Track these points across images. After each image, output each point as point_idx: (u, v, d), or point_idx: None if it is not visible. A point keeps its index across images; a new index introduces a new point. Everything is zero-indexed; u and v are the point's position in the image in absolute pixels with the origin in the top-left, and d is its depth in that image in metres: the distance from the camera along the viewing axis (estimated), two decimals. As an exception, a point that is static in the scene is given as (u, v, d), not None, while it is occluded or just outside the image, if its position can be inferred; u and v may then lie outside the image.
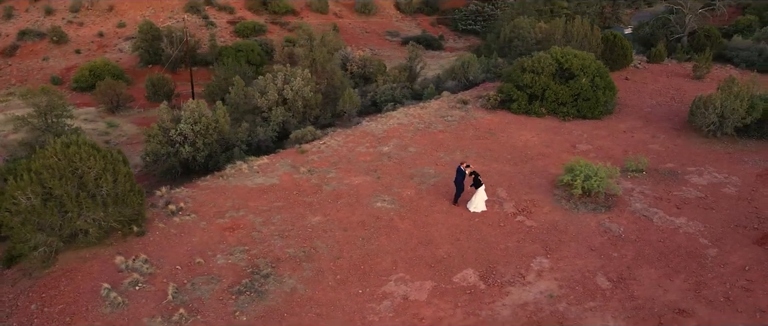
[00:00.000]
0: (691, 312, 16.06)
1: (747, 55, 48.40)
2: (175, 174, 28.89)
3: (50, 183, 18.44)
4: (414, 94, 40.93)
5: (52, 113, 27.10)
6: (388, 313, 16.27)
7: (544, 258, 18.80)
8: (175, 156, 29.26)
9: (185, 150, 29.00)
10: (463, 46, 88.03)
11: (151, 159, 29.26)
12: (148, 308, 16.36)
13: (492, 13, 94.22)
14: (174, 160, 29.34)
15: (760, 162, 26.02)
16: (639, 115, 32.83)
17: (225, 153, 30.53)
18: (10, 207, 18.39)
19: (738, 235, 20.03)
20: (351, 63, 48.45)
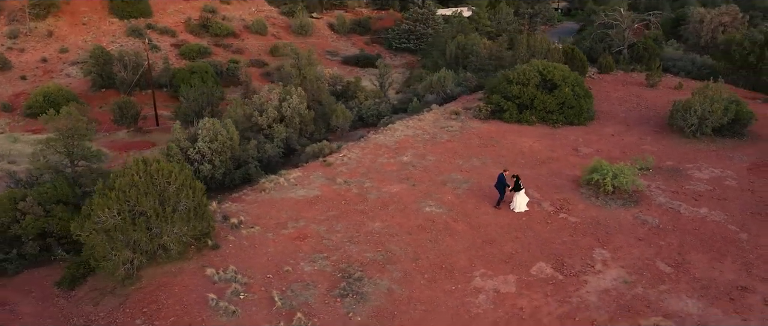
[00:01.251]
0: (752, 289, 18.26)
1: (682, 64, 53.70)
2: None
3: (139, 200, 18.10)
4: (394, 108, 42.21)
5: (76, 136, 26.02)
6: (488, 306, 17.31)
7: (601, 250, 20.53)
8: (195, 174, 28.82)
9: (205, 168, 28.71)
10: (399, 63, 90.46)
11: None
12: (263, 314, 16.52)
13: (424, 31, 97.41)
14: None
15: (744, 157, 29.35)
16: (617, 120, 35.79)
17: (238, 169, 30.41)
18: (95, 226, 17.90)
19: (757, 221, 22.74)
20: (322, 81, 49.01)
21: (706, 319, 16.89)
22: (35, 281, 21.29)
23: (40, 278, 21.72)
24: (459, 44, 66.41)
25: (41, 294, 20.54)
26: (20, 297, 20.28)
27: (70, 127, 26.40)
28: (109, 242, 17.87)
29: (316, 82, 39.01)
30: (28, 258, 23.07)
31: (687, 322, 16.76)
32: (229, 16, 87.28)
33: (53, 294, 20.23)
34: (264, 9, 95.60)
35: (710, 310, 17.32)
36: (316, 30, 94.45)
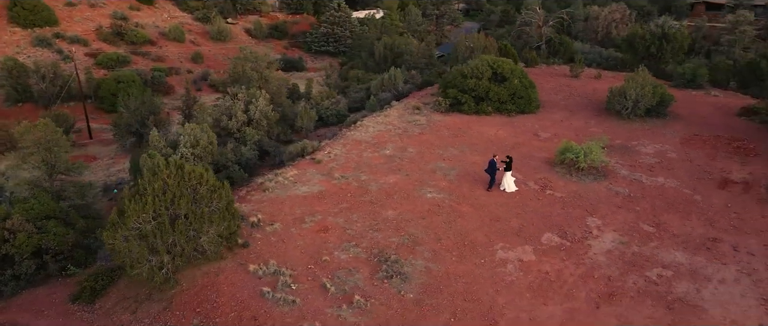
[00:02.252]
0: (721, 239, 21.72)
1: (592, 57, 59.08)
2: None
3: (177, 202, 18.52)
4: (349, 107, 43.72)
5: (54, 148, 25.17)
6: (519, 273, 19.47)
7: (592, 218, 23.35)
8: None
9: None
10: (321, 65, 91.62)
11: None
12: (320, 301, 17.65)
13: (342, 34, 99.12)
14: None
15: (675, 133, 33.63)
16: (560, 107, 39.40)
17: (218, 173, 30.70)
18: (130, 232, 18.16)
19: (703, 184, 26.57)
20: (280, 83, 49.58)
21: (695, 266, 20.00)
22: (41, 300, 21.00)
23: (45, 296, 21.44)
24: (386, 44, 68.73)
25: (56, 311, 20.36)
26: (31, 318, 20.04)
27: (48, 138, 25.76)
28: (146, 247, 18.19)
29: (276, 85, 39.64)
30: (23, 278, 22.52)
31: (681, 270, 19.77)
32: (142, 23, 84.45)
33: (71, 309, 20.12)
34: (177, 15, 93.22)
35: (695, 259, 20.47)
36: (233, 36, 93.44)
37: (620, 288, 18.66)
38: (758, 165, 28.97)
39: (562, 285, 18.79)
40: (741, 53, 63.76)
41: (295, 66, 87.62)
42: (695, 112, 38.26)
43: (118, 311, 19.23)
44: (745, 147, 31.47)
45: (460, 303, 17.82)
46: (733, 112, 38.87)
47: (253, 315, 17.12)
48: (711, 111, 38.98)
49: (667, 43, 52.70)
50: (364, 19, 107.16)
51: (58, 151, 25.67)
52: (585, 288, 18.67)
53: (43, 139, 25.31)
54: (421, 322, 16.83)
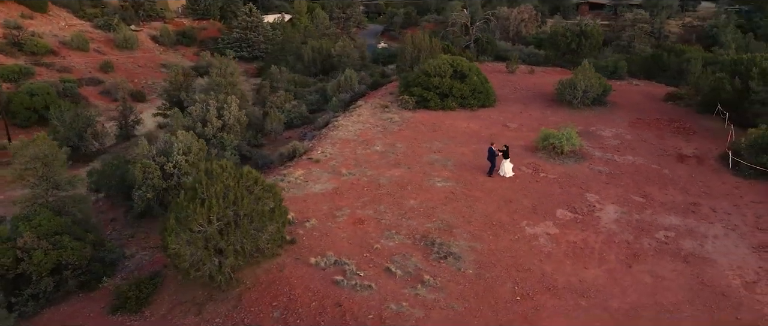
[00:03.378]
0: (699, 203, 25.22)
1: (516, 54, 63.46)
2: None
3: (241, 204, 18.90)
4: (310, 109, 44.43)
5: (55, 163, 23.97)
6: (552, 245, 21.68)
7: (589, 194, 26.14)
8: (178, 187, 28.65)
9: (187, 180, 28.65)
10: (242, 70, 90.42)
11: (152, 195, 28.02)
12: (393, 283, 18.83)
13: (256, 39, 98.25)
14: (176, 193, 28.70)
15: (621, 118, 37.68)
16: (513, 100, 42.54)
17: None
18: (193, 235, 18.38)
19: (666, 160, 30.33)
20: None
21: (690, 227, 23.20)
22: (73, 317, 20.61)
23: (74, 312, 21.05)
24: (314, 48, 69.58)
25: (97, 324, 20.09)
26: (75, 337, 19.67)
27: (46, 153, 24.80)
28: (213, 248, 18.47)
29: (240, 91, 39.60)
30: (42, 296, 21.84)
31: (680, 231, 22.89)
32: (39, 32, 78.93)
33: (116, 321, 19.98)
34: (74, 23, 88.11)
35: (687, 221, 23.72)
36: (140, 43, 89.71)
37: (640, 250, 21.35)
38: (699, 141, 33.35)
39: (592, 252, 21.19)
40: (640, 47, 71.03)
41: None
42: (628, 100, 42.77)
43: (177, 315, 19.25)
44: (684, 127, 35.96)
45: (515, 273, 19.66)
46: (658, 97, 43.87)
47: (336, 302, 17.95)
48: (640, 98, 43.72)
49: (585, 39, 57.84)
50: (275, 23, 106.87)
51: (56, 166, 24.62)
52: (612, 252, 21.19)
53: (41, 154, 24.22)
54: (490, 293, 18.47)
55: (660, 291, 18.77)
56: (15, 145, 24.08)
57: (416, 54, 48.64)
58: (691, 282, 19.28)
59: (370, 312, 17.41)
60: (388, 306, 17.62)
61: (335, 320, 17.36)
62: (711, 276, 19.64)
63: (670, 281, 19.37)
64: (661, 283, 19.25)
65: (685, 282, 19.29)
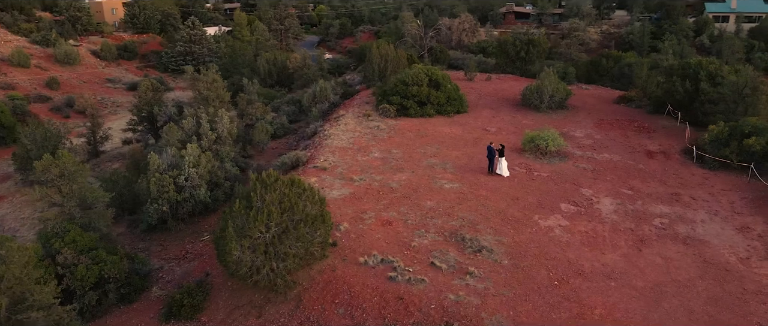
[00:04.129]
0: (680, 193, 28.33)
1: (467, 62, 66.59)
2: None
3: (298, 210, 20.00)
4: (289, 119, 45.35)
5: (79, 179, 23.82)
6: (567, 235, 23.97)
7: (584, 188, 28.76)
8: (191, 200, 29.16)
9: (201, 193, 29.30)
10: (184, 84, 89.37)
11: (167, 208, 28.36)
12: (442, 276, 20.44)
13: (200, 52, 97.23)
14: (188, 206, 29.25)
15: (587, 119, 41.01)
16: (482, 106, 45.14)
17: (213, 192, 31.25)
18: (254, 242, 19.36)
19: (637, 156, 33.56)
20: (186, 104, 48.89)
21: (679, 214, 26.16)
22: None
23: (123, 323, 21.55)
24: (269, 60, 70.17)
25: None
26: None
27: (72, 169, 24.91)
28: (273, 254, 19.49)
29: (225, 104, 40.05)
30: (87, 310, 22.20)
31: (672, 217, 25.79)
32: (-28, 49, 75.18)
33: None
34: (10, 39, 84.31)
35: (674, 208, 26.72)
36: (81, 58, 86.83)
37: (644, 235, 24.02)
38: (661, 138, 36.97)
39: (603, 240, 23.63)
40: (577, 54, 76.08)
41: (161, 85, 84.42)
42: (584, 103, 46.37)
43: (237, 319, 20.10)
44: (643, 126, 39.62)
45: (545, 261, 21.74)
46: (609, 100, 47.79)
47: (397, 295, 19.36)
48: (594, 101, 47.46)
49: (533, 47, 61.62)
50: (217, 36, 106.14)
51: (83, 182, 24.65)
52: (620, 238, 23.72)
53: (67, 171, 24.20)
54: (530, 280, 20.42)
55: (673, 270, 21.35)
56: (42, 163, 23.84)
57: (384, 64, 50.43)
58: (696, 261, 22.02)
59: (431, 302, 18.93)
60: (446, 296, 19.19)
61: (400, 312, 18.76)
62: (711, 255, 22.48)
63: (678, 261, 22.03)
64: (671, 263, 21.87)
65: (691, 261, 22.00)
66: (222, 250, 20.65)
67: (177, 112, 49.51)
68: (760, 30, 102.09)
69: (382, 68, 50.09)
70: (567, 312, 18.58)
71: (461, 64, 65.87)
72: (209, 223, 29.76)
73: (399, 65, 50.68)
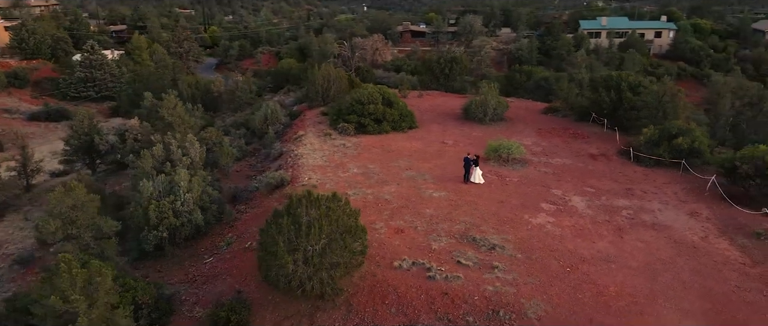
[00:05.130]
0: (632, 188, 32.68)
1: (391, 80, 70.02)
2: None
3: (342, 224, 21.53)
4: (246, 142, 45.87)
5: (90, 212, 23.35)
6: (558, 229, 27.12)
7: (553, 189, 32.33)
8: (189, 224, 29.47)
9: (198, 217, 29.72)
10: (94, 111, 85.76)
11: (166, 234, 28.50)
12: (472, 272, 22.72)
13: (102, 77, 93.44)
14: (186, 230, 29.53)
15: (527, 129, 45.22)
16: (428, 121, 48.11)
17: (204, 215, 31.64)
18: (304, 255, 20.75)
19: (583, 159, 37.91)
20: (130, 131, 47.90)
21: (638, 205, 30.28)
22: None
23: None
24: (191, 84, 69.57)
25: None
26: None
27: (83, 201, 24.76)
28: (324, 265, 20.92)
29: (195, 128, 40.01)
30: None
31: (634, 208, 29.86)
32: None
33: None
34: None
35: (633, 202, 30.88)
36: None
37: (619, 225, 27.77)
38: (596, 143, 41.80)
39: (589, 231, 27.08)
40: (487, 69, 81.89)
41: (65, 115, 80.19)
42: (517, 115, 50.80)
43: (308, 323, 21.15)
44: (576, 133, 44.44)
45: (550, 252, 24.70)
46: (536, 111, 52.68)
47: (441, 291, 21.37)
48: (524, 112, 52.10)
49: (456, 65, 66.02)
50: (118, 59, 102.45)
51: (93, 213, 24.41)
52: (602, 229, 27.28)
53: (80, 203, 23.92)
54: (546, 269, 23.21)
55: (654, 251, 25.09)
56: (54, 195, 23.30)
57: (327, 85, 52.17)
58: (668, 243, 25.96)
59: (474, 294, 21.14)
60: (485, 288, 21.49)
61: (448, 305, 20.79)
62: (677, 237, 26.55)
63: (655, 243, 25.86)
64: (650, 246, 25.63)
65: (664, 243, 25.91)
66: (267, 266, 21.68)
67: (119, 140, 48.33)
68: (628, 44, 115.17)
69: (325, 89, 51.74)
70: (588, 292, 21.51)
71: (386, 81, 68.83)
72: (204, 246, 30.04)
73: (342, 86, 52.61)
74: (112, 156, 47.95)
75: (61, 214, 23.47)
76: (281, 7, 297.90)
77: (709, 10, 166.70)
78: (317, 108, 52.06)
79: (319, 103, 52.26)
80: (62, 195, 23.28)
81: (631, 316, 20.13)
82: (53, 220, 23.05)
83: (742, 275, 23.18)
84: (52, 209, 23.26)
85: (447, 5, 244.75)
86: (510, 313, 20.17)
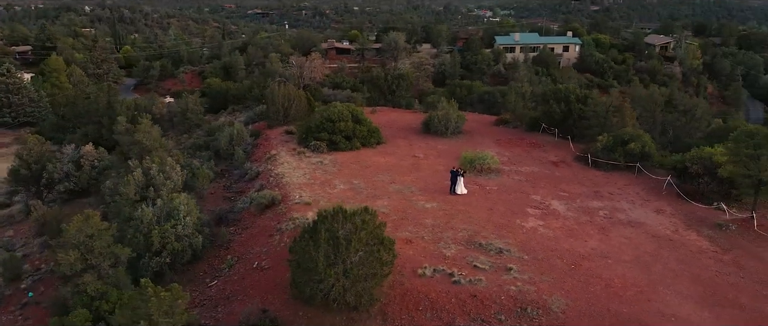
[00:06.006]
0: (600, 191, 35.77)
1: (340, 97, 71.22)
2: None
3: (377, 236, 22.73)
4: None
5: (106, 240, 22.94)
6: (549, 231, 29.49)
7: (532, 195, 34.85)
8: (190, 248, 29.61)
9: (198, 241, 29.91)
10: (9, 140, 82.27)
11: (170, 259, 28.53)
12: (491, 274, 24.45)
13: (20, 102, 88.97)
14: (188, 255, 29.64)
15: (486, 140, 47.90)
16: (391, 136, 49.69)
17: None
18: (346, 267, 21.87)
19: (548, 166, 40.90)
20: (86, 158, 46.46)
21: (610, 206, 33.30)
22: None
23: None
24: (130, 106, 67.93)
25: None
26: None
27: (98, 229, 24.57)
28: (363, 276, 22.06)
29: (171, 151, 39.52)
30: None
31: (608, 208, 32.82)
32: None
33: None
34: None
35: (604, 202, 33.89)
36: None
37: (601, 224, 30.54)
38: (553, 151, 45.06)
39: (577, 231, 29.62)
40: (425, 84, 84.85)
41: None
42: (472, 127, 53.50)
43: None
44: (532, 142, 47.61)
45: (551, 252, 26.93)
46: (488, 123, 55.70)
47: (470, 294, 22.92)
48: (477, 125, 54.95)
49: (402, 81, 68.31)
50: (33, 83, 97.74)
51: (109, 241, 24.18)
52: (588, 229, 29.91)
53: (95, 232, 23.67)
54: (554, 267, 25.34)
55: (639, 245, 27.92)
56: (73, 226, 22.82)
57: (288, 104, 52.77)
58: (647, 238, 28.92)
59: (500, 294, 22.88)
60: (508, 288, 23.28)
61: (479, 307, 22.39)
62: (654, 232, 29.61)
63: (637, 238, 28.74)
64: (633, 241, 28.48)
65: (645, 238, 28.85)
66: (303, 281, 22.48)
67: (74, 168, 46.65)
68: (541, 58, 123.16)
69: (286, 108, 52.32)
70: (598, 285, 23.81)
71: (334, 99, 69.96)
72: (202, 270, 30.08)
73: (301, 105, 53.38)
74: (66, 184, 46.12)
75: (79, 244, 23.05)
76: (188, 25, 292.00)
77: (606, 26, 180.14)
78: (278, 127, 52.42)
79: (279, 122, 52.63)
80: (81, 225, 22.89)
81: (641, 303, 22.54)
82: (72, 251, 22.61)
83: (718, 262, 26.35)
84: (70, 239, 22.80)
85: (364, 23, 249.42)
86: (536, 309, 22.02)
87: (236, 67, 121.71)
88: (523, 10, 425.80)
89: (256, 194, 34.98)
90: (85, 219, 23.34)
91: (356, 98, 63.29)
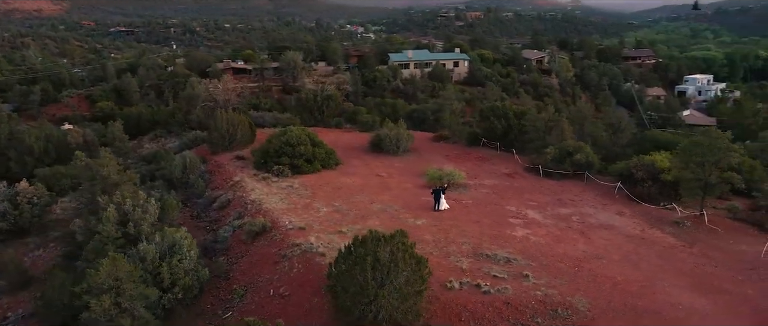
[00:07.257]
0: (569, 199, 39.11)
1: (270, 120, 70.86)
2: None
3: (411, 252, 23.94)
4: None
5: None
6: (538, 238, 32.01)
7: (507, 206, 37.45)
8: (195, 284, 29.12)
9: (203, 273, 29.53)
10: None
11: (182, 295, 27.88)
12: (512, 282, 26.38)
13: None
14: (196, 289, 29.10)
15: (436, 156, 50.24)
16: (344, 156, 50.56)
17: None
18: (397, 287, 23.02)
19: (505, 179, 43.91)
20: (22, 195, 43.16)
21: (579, 211, 36.61)
22: None
23: None
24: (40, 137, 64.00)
25: None
26: None
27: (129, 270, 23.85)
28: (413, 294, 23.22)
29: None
30: None
31: (579, 213, 36.10)
32: None
33: None
34: None
35: (574, 209, 37.18)
36: None
37: (580, 228, 33.63)
38: (500, 163, 48.32)
39: (563, 237, 32.42)
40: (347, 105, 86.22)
41: None
42: (415, 145, 55.69)
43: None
44: (478, 156, 50.67)
45: (552, 257, 29.39)
46: (428, 140, 58.26)
47: (504, 301, 24.62)
48: (419, 142, 57.18)
49: (331, 102, 69.31)
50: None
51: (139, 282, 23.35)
52: (571, 234, 32.84)
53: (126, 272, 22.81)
54: (562, 271, 27.70)
55: (620, 245, 31.19)
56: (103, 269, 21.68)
57: (232, 130, 52.05)
58: (623, 238, 32.33)
59: (530, 300, 24.82)
60: (534, 293, 25.30)
61: (515, 313, 24.17)
62: (626, 232, 33.14)
63: (615, 239, 32.06)
64: (613, 241, 31.75)
65: (622, 239, 32.23)
66: (350, 304, 23.17)
67: (12, 206, 43.15)
68: (435, 73, 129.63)
69: (231, 134, 51.58)
70: (607, 284, 26.49)
71: (264, 122, 69.44)
72: (209, 303, 29.49)
73: (244, 130, 52.85)
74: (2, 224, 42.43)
75: (111, 288, 22.03)
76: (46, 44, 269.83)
77: (485, 42, 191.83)
78: (223, 153, 51.45)
79: (224, 148, 51.68)
80: (112, 268, 21.90)
81: (648, 296, 25.44)
82: (105, 296, 21.60)
83: (690, 255, 30.16)
84: (102, 284, 21.74)
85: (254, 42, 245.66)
86: (566, 310, 24.18)
87: (130, 90, 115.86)
88: (393, 25, 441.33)
89: (238, 222, 34.54)
90: (112, 261, 22.33)
91: (291, 121, 63.30)
